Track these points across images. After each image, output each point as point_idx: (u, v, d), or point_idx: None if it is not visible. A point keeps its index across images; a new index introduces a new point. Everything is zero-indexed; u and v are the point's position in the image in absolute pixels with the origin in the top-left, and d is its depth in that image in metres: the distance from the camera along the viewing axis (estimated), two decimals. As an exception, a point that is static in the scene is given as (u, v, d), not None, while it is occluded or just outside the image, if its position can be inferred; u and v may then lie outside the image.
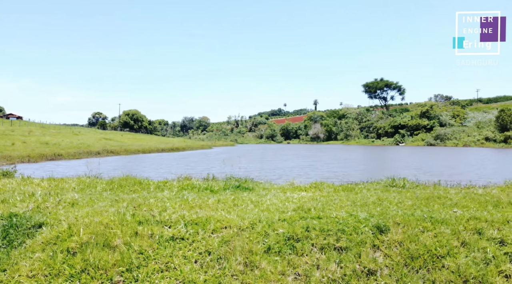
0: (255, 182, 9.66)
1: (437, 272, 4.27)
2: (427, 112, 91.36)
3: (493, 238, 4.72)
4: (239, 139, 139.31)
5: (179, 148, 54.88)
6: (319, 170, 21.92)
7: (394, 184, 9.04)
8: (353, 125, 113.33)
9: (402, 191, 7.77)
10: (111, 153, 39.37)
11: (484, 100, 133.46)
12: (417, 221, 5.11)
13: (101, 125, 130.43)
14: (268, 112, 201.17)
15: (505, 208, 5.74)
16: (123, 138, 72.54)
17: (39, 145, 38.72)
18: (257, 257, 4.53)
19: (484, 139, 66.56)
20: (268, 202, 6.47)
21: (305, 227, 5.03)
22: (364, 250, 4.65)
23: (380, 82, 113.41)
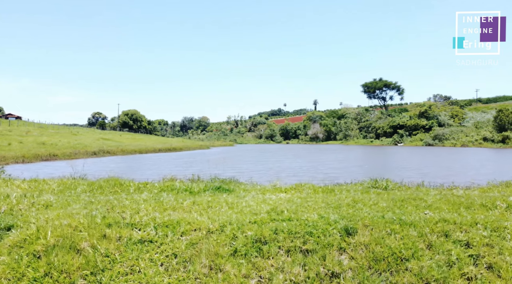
0: (239, 183, 9.67)
1: (400, 275, 4.28)
2: (425, 112, 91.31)
3: (459, 240, 4.73)
4: (238, 139, 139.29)
5: (176, 148, 54.88)
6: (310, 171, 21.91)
7: (376, 185, 9.05)
8: (352, 125, 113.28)
9: (381, 193, 7.78)
10: (107, 153, 39.39)
11: (484, 100, 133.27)
12: (386, 224, 5.12)
13: (101, 125, 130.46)
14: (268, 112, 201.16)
15: (477, 210, 5.74)
16: (122, 138, 72.54)
17: (35, 145, 38.75)
18: (222, 260, 4.54)
19: (482, 139, 66.51)
20: (244, 203, 6.48)
21: (274, 229, 5.04)
22: (330, 252, 4.66)
23: (379, 82, 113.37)
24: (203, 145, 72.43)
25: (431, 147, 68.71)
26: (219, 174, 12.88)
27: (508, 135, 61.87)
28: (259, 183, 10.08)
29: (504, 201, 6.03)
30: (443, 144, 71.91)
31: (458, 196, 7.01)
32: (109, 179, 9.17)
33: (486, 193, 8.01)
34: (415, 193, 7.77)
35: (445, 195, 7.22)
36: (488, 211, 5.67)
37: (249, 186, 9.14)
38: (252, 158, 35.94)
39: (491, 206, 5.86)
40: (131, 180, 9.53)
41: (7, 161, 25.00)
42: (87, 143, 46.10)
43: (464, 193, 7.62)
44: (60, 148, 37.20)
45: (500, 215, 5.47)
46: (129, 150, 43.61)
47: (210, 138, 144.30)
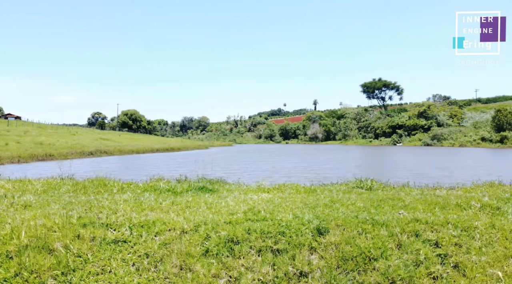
0: (225, 183, 9.72)
1: (367, 274, 4.32)
2: (424, 112, 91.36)
3: (428, 240, 4.77)
4: (238, 139, 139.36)
5: (174, 148, 54.92)
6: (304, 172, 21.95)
7: (361, 185, 9.09)
8: (351, 125, 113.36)
9: (363, 193, 7.82)
10: (104, 153, 39.43)
11: (483, 100, 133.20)
12: (358, 223, 5.16)
13: (100, 125, 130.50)
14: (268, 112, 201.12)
15: (451, 210, 5.78)
16: (121, 138, 72.57)
17: (33, 145, 38.81)
18: (193, 260, 4.58)
19: (480, 139, 66.52)
20: (223, 203, 6.53)
21: (247, 229, 5.08)
22: (300, 252, 4.71)
23: (378, 82, 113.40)
24: (201, 145, 72.47)
25: (429, 147, 68.74)
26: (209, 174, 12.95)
27: (506, 135, 61.87)
28: (246, 184, 10.12)
29: (479, 201, 6.06)
30: (442, 144, 71.92)
31: (438, 196, 7.04)
32: (94, 180, 9.22)
33: (468, 193, 8.04)
34: (397, 193, 7.82)
35: (425, 195, 7.26)
36: (462, 211, 5.71)
37: (234, 186, 9.18)
38: (247, 159, 35.97)
39: (465, 206, 5.90)
40: (117, 180, 9.58)
41: (2, 161, 25.05)
42: (85, 143, 46.15)
43: (446, 193, 7.65)
44: (58, 148, 37.25)
45: (473, 215, 5.51)
46: (127, 150, 43.66)
47: (209, 138, 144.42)
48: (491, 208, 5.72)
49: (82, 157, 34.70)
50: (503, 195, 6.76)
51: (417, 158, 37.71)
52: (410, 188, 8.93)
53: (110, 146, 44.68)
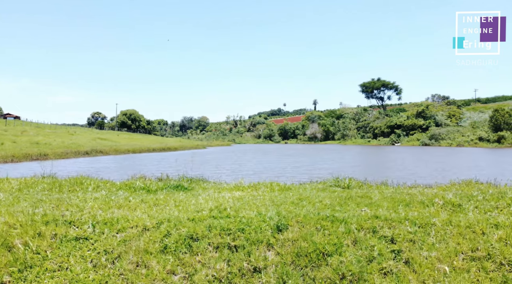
0: (203, 182, 9.77)
1: (320, 270, 4.37)
2: (423, 112, 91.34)
3: (385, 236, 4.82)
4: (237, 139, 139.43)
5: (171, 148, 55.00)
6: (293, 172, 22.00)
7: (338, 184, 9.13)
8: (350, 125, 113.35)
9: (336, 191, 7.87)
10: (100, 153, 39.50)
11: (483, 100, 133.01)
12: (318, 220, 5.21)
13: (99, 125, 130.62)
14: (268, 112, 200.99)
15: (414, 207, 5.83)
16: (119, 138, 72.66)
17: (29, 145, 38.91)
18: (150, 256, 4.63)
19: (478, 139, 66.54)
20: (193, 201, 6.58)
21: (208, 226, 5.13)
22: (258, 248, 4.76)
23: (377, 82, 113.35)
24: (199, 145, 72.54)
25: (427, 147, 68.75)
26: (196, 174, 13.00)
27: (503, 135, 61.91)
28: (227, 182, 10.16)
29: (443, 198, 6.11)
30: (439, 144, 71.92)
31: (408, 194, 7.08)
32: (71, 178, 9.28)
33: (444, 191, 8.07)
34: (372, 191, 7.86)
35: (396, 193, 7.30)
36: (425, 208, 5.75)
37: (211, 184, 9.24)
38: (241, 159, 36.00)
39: (428, 204, 5.94)
40: (95, 178, 9.64)
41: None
42: (81, 143, 46.24)
43: (418, 191, 7.69)
44: (53, 148, 37.32)
45: (434, 212, 5.55)
46: (123, 150, 43.73)
47: (209, 138, 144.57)
48: (453, 205, 5.77)
49: (77, 156, 34.76)
50: (472, 193, 6.80)
51: (412, 158, 37.75)
52: (387, 187, 8.98)
53: (106, 146, 44.75)
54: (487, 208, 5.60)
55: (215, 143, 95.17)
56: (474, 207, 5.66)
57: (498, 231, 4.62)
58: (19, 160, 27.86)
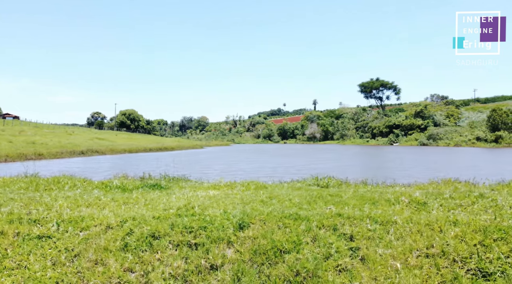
0: (185, 181, 9.80)
1: (276, 267, 4.39)
2: (421, 112, 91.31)
3: (344, 233, 4.84)
4: (236, 139, 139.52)
5: (168, 148, 55.04)
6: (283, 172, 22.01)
7: (317, 183, 9.15)
8: (349, 125, 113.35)
9: (311, 190, 7.89)
10: (96, 152, 39.55)
11: (482, 100, 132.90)
12: (281, 218, 5.23)
13: (98, 125, 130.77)
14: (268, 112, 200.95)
15: (381, 205, 5.85)
16: (117, 138, 72.70)
17: (25, 144, 38.93)
18: (109, 254, 4.66)
19: (475, 139, 66.52)
20: (164, 200, 6.61)
21: (171, 224, 5.15)
22: (217, 246, 4.78)
23: (375, 82, 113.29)
24: (197, 145, 72.57)
25: (425, 147, 68.73)
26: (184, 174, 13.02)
27: (500, 135, 61.89)
28: (209, 181, 10.19)
29: (410, 196, 6.13)
30: (437, 144, 71.89)
31: (380, 192, 7.10)
32: (49, 178, 9.31)
33: (421, 189, 8.08)
34: (345, 190, 7.88)
35: (369, 191, 7.32)
36: (390, 206, 5.77)
37: (190, 183, 9.27)
38: (234, 158, 36.00)
39: (394, 202, 5.96)
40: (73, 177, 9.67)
41: (-11, 161, 25.15)
42: (78, 143, 46.25)
43: (393, 190, 7.71)
44: (49, 147, 37.35)
45: (399, 210, 5.57)
46: (119, 150, 43.79)
47: (208, 138, 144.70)
48: (418, 203, 5.78)
49: (72, 156, 34.81)
50: (441, 191, 6.81)
51: (407, 157, 37.74)
52: (366, 185, 8.99)
53: (103, 146, 44.80)
54: (451, 206, 5.61)
55: (213, 143, 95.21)
56: (439, 205, 5.68)
57: (455, 228, 4.63)
58: (13, 159, 27.89)
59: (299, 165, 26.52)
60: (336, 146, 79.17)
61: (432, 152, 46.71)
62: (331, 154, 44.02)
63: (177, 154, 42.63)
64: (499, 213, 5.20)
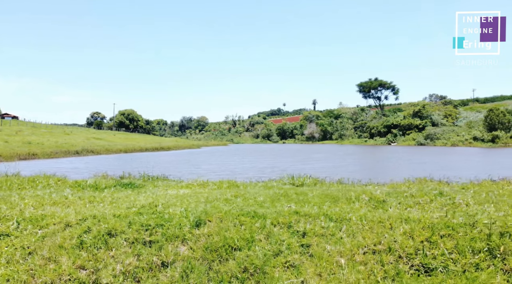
0: (163, 180, 9.86)
1: (226, 264, 4.44)
2: (419, 112, 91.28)
3: (298, 231, 4.89)
4: (235, 139, 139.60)
5: (164, 148, 55.12)
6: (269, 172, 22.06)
7: (292, 182, 9.21)
8: (347, 125, 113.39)
9: (281, 188, 7.94)
10: (91, 152, 39.61)
11: (481, 100, 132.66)
12: (239, 216, 5.28)
13: (97, 125, 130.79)
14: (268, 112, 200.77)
15: (340, 203, 5.90)
16: (115, 138, 72.78)
17: (21, 144, 38.98)
18: (63, 252, 4.71)
19: (472, 139, 66.54)
20: (132, 198, 6.66)
21: (129, 222, 5.21)
22: (172, 243, 4.83)
23: (374, 82, 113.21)
24: (194, 145, 72.66)
25: (422, 147, 68.75)
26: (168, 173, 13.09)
27: (497, 135, 61.90)
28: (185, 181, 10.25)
29: (370, 194, 6.18)
30: (435, 144, 71.91)
31: (348, 190, 7.15)
32: (25, 177, 9.37)
33: (394, 188, 8.13)
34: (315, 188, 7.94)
35: (337, 190, 7.37)
36: (350, 204, 5.82)
37: (166, 182, 9.33)
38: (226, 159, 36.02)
39: (355, 200, 6.01)
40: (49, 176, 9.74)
41: (-19, 161, 25.22)
42: (74, 143, 46.31)
43: (361, 188, 7.76)
44: (45, 147, 37.41)
45: (357, 207, 5.62)
46: (114, 150, 43.86)
47: (208, 138, 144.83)
48: (377, 201, 5.83)
49: (66, 156, 34.88)
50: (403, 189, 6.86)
51: (400, 157, 37.78)
52: (341, 184, 9.04)
53: (98, 146, 44.88)
54: (409, 204, 5.66)
55: (211, 143, 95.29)
56: (398, 203, 5.73)
57: (405, 226, 4.68)
58: (6, 159, 27.94)
59: (288, 165, 26.54)
60: (334, 146, 79.20)
61: (427, 152, 46.74)
62: (324, 154, 44.05)
63: (172, 154, 42.71)
64: (454, 210, 5.25)
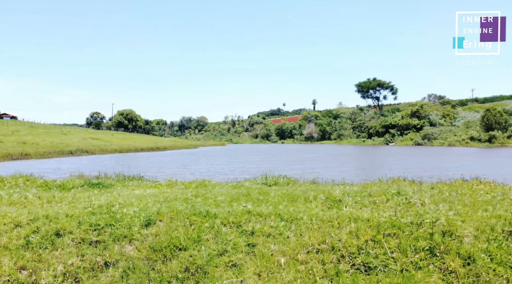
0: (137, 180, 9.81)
1: (169, 263, 4.38)
2: (417, 112, 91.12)
3: (246, 230, 4.83)
4: (234, 139, 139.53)
5: (160, 148, 55.07)
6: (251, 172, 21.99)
7: (265, 181, 9.15)
8: (346, 125, 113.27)
9: (250, 188, 7.89)
10: (85, 152, 39.57)
11: (481, 100, 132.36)
12: (190, 216, 5.23)
13: (96, 125, 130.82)
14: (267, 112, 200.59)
15: (298, 203, 5.84)
16: (113, 138, 72.76)
17: (15, 144, 38.96)
18: (7, 252, 4.65)
19: (469, 139, 66.39)
20: (93, 198, 6.61)
21: (79, 222, 5.16)
22: (118, 243, 4.78)
23: (372, 82, 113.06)
24: (191, 145, 72.60)
25: (419, 147, 68.64)
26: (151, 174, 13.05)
27: (494, 135, 61.75)
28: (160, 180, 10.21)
29: (328, 194, 6.12)
30: (432, 144, 71.77)
31: (312, 190, 7.09)
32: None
33: (364, 188, 8.07)
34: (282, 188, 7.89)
35: (302, 190, 7.31)
36: (306, 204, 5.77)
37: (136, 183, 9.27)
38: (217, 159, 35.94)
39: (312, 199, 5.96)
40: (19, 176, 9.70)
41: (-29, 161, 25.20)
42: (70, 143, 46.27)
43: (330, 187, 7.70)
44: (39, 147, 37.38)
45: (312, 207, 5.57)
46: (109, 150, 43.82)
47: (207, 138, 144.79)
48: (333, 201, 5.77)
49: (59, 156, 34.84)
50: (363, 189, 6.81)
51: (394, 157, 37.71)
52: (314, 184, 8.98)
53: (94, 146, 44.87)
54: (365, 203, 5.60)
55: (209, 143, 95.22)
56: (354, 202, 5.67)
57: (353, 225, 4.63)
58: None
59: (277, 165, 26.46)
60: (331, 146, 79.09)
61: (423, 152, 46.66)
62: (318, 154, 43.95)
63: (166, 154, 42.68)
64: (407, 210, 5.20)
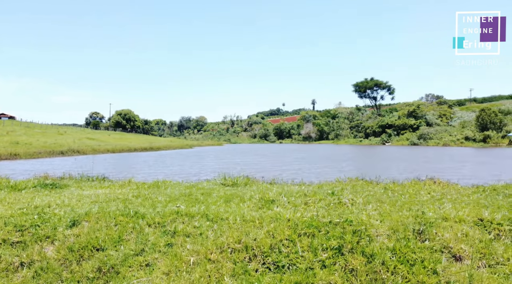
0: (99, 180, 9.80)
1: (83, 264, 4.36)
2: (414, 111, 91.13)
3: (169, 230, 4.79)
4: (232, 139, 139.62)
5: (154, 148, 55.11)
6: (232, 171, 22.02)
7: (225, 182, 9.15)
8: (343, 125, 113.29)
9: (203, 188, 7.87)
10: (77, 152, 39.59)
11: (479, 100, 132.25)
12: (118, 216, 5.21)
13: (94, 125, 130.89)
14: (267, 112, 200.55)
15: (232, 203, 5.82)
16: (109, 138, 72.80)
17: (7, 144, 39.02)
18: None
19: (464, 139, 66.39)
20: (36, 199, 6.60)
21: (4, 223, 5.14)
22: (39, 244, 4.76)
23: (369, 82, 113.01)
24: (187, 145, 72.65)
25: (414, 147, 68.61)
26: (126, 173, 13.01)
27: (489, 135, 61.73)
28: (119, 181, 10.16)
29: (263, 194, 6.11)
30: (427, 144, 71.76)
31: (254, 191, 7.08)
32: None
33: (320, 188, 8.05)
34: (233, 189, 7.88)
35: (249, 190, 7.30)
36: (240, 204, 5.74)
37: (94, 183, 9.25)
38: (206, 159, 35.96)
39: (246, 199, 5.94)
40: None
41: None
42: (63, 143, 46.30)
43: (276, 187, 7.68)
44: (31, 148, 37.41)
45: (244, 207, 5.56)
46: (102, 150, 43.85)
47: (205, 138, 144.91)
48: (265, 201, 5.73)
49: (50, 156, 34.86)
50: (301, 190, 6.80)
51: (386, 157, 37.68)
52: (273, 184, 8.97)
53: (87, 146, 44.93)
54: (297, 203, 5.57)
55: (205, 143, 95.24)
56: (287, 202, 5.64)
57: (272, 224, 4.60)
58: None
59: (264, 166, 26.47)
60: (328, 146, 79.07)
61: (415, 152, 46.62)
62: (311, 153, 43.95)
63: (156, 154, 42.71)
64: (334, 209, 5.18)
